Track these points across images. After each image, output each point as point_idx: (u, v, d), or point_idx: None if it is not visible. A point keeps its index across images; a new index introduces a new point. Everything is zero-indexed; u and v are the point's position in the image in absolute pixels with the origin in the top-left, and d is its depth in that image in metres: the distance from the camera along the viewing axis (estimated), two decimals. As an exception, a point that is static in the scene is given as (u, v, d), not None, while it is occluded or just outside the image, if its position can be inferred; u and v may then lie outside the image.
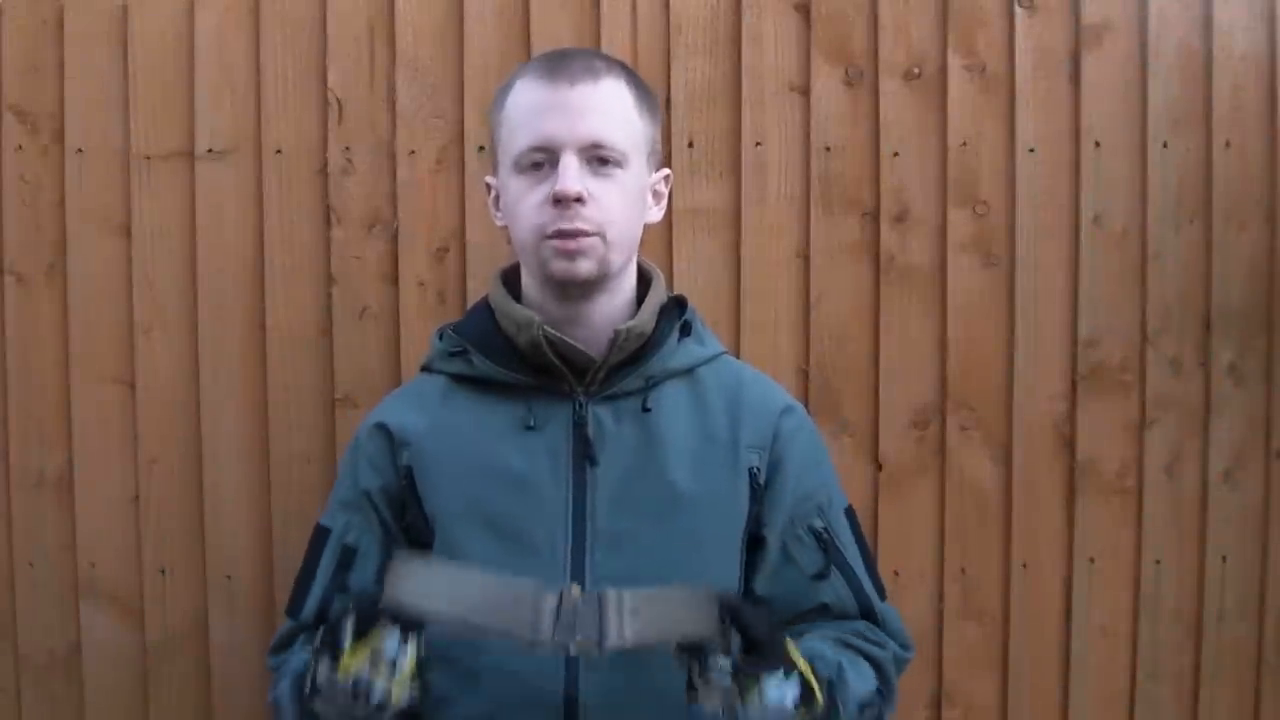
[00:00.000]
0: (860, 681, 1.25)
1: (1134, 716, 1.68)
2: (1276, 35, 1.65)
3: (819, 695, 1.15)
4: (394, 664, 1.06)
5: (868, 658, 1.29)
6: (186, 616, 1.66)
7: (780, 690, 1.10)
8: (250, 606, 1.65)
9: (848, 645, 1.29)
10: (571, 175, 1.22)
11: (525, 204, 1.25)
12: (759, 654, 1.09)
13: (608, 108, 1.25)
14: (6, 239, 1.64)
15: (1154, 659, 1.69)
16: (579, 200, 1.22)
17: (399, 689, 1.07)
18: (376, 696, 1.06)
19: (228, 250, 1.64)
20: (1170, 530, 1.68)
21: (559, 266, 1.24)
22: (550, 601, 1.08)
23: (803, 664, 1.14)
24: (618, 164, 1.25)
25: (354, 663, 1.06)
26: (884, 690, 1.29)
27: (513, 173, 1.26)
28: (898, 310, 1.65)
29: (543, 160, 1.23)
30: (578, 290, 1.26)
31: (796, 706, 1.11)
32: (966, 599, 1.67)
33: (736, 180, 1.64)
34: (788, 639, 1.15)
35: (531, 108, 1.24)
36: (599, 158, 1.23)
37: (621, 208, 1.26)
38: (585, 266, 1.24)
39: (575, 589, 1.09)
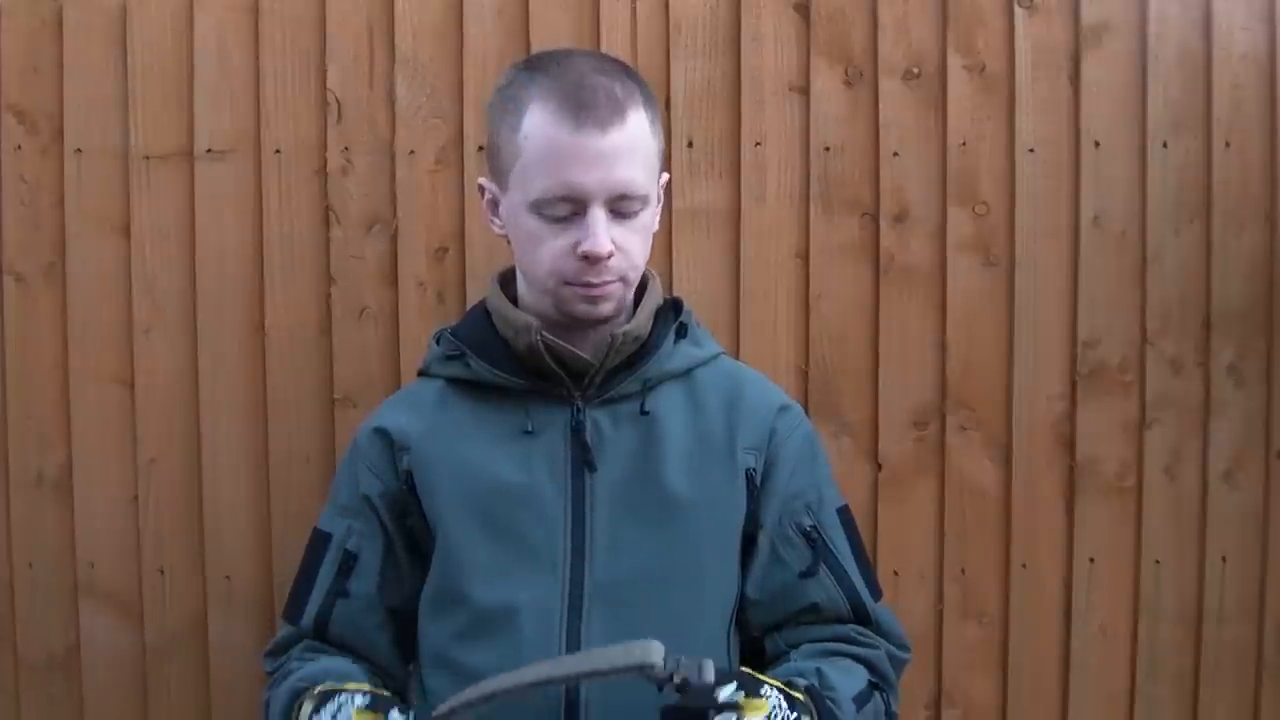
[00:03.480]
0: (845, 677, 1.25)
1: (1134, 716, 1.68)
2: (1276, 35, 1.65)
3: (800, 695, 1.16)
4: None
5: (855, 659, 1.29)
6: (185, 617, 1.66)
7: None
8: (249, 607, 1.65)
9: (830, 654, 1.29)
10: (603, 235, 1.20)
11: (547, 249, 1.23)
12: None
13: (635, 151, 1.22)
14: (6, 239, 1.63)
15: (1154, 659, 1.68)
16: (609, 256, 1.21)
17: None
18: None
19: (227, 250, 1.64)
20: (1170, 530, 1.68)
21: (582, 310, 1.24)
22: None
23: (776, 682, 1.15)
24: (641, 205, 1.24)
25: None
26: (881, 685, 1.29)
27: (529, 211, 1.23)
28: (897, 310, 1.65)
29: (567, 208, 1.21)
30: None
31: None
32: (966, 599, 1.67)
33: (736, 180, 1.64)
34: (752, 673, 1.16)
35: (556, 150, 1.20)
36: (625, 204, 1.22)
37: (643, 249, 1.27)
38: (607, 308, 1.25)
39: None
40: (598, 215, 1.20)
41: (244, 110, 1.63)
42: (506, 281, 1.35)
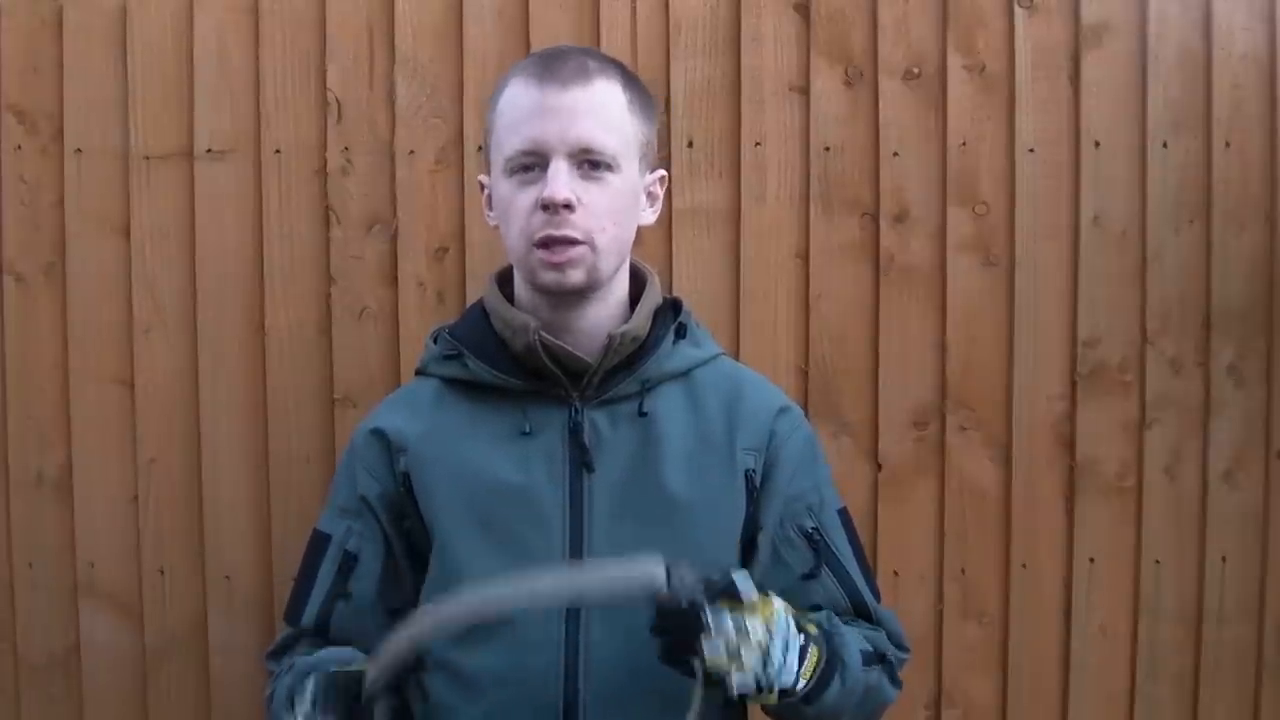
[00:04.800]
0: (852, 635, 1.25)
1: (1134, 716, 1.68)
2: (1276, 35, 1.65)
3: (811, 628, 1.17)
4: None
5: (860, 634, 1.29)
6: (185, 617, 1.66)
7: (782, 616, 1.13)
8: (249, 607, 1.65)
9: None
10: (561, 181, 1.21)
11: (515, 208, 1.24)
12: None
13: (599, 110, 1.23)
14: (6, 239, 1.63)
15: (1154, 659, 1.68)
16: (568, 206, 1.21)
17: None
18: None
19: (227, 250, 1.64)
20: (1170, 530, 1.68)
21: (549, 277, 1.24)
22: None
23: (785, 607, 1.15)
24: (609, 168, 1.24)
25: None
26: (881, 662, 1.29)
27: (504, 175, 1.25)
28: (897, 310, 1.65)
29: (533, 164, 1.23)
30: (568, 298, 1.26)
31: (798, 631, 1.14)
32: (966, 599, 1.67)
33: (736, 180, 1.64)
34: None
35: (523, 110, 1.23)
36: (590, 161, 1.23)
37: (612, 213, 1.25)
38: (575, 276, 1.24)
39: None
40: (558, 165, 1.21)
41: (244, 110, 1.63)
42: (504, 281, 1.35)
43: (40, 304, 1.64)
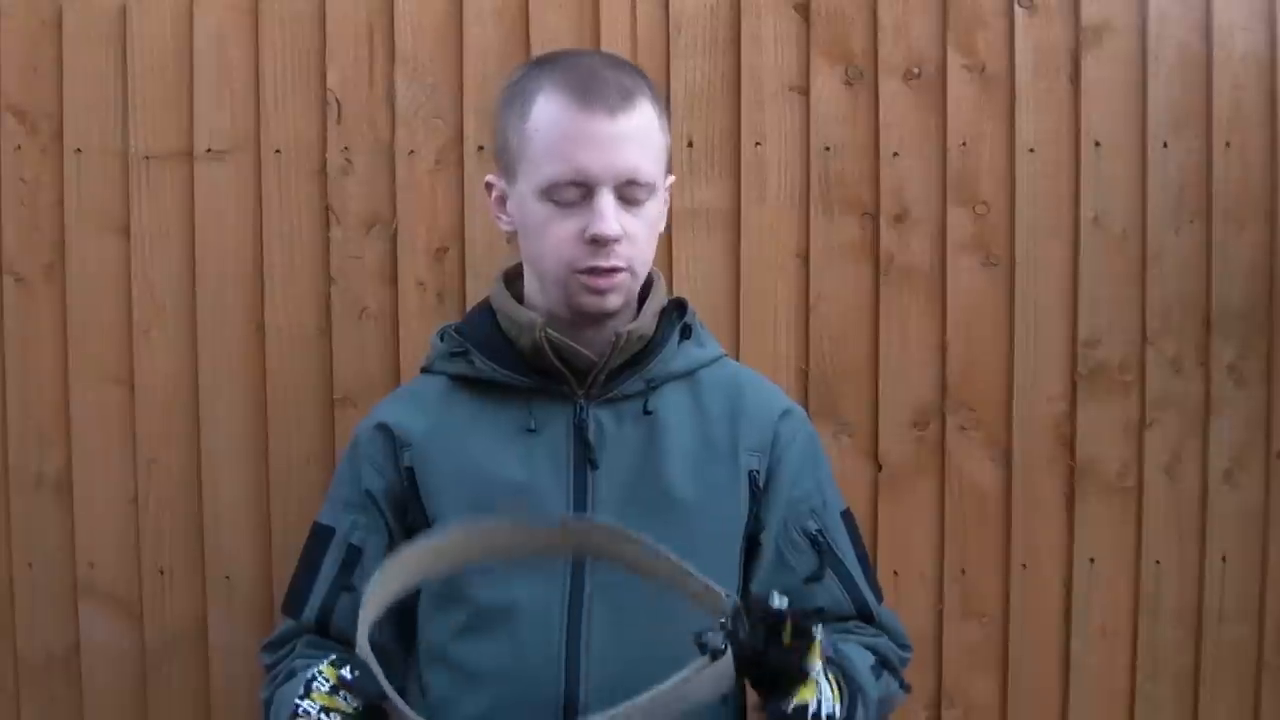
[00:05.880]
0: (857, 652, 1.26)
1: (1134, 716, 1.68)
2: (1276, 35, 1.65)
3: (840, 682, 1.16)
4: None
5: (860, 644, 1.29)
6: (186, 617, 1.66)
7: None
8: (250, 607, 1.65)
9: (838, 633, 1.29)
10: (610, 217, 1.21)
11: (555, 236, 1.23)
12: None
13: (642, 136, 1.23)
14: (5, 239, 1.63)
15: (1154, 659, 1.69)
16: (616, 240, 1.22)
17: None
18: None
19: (227, 250, 1.64)
20: (1170, 530, 1.68)
21: (589, 301, 1.24)
22: None
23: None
24: (648, 194, 1.24)
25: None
26: (886, 668, 1.29)
27: (538, 198, 1.24)
28: (897, 310, 1.65)
29: (577, 193, 1.22)
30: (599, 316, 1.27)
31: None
32: (966, 599, 1.67)
33: (736, 180, 1.64)
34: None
35: (565, 134, 1.21)
36: (632, 188, 1.23)
37: (649, 239, 1.27)
38: (614, 301, 1.25)
39: None
40: (606, 198, 1.21)
41: (244, 110, 1.63)
42: (511, 279, 1.35)
43: (40, 304, 1.64)
